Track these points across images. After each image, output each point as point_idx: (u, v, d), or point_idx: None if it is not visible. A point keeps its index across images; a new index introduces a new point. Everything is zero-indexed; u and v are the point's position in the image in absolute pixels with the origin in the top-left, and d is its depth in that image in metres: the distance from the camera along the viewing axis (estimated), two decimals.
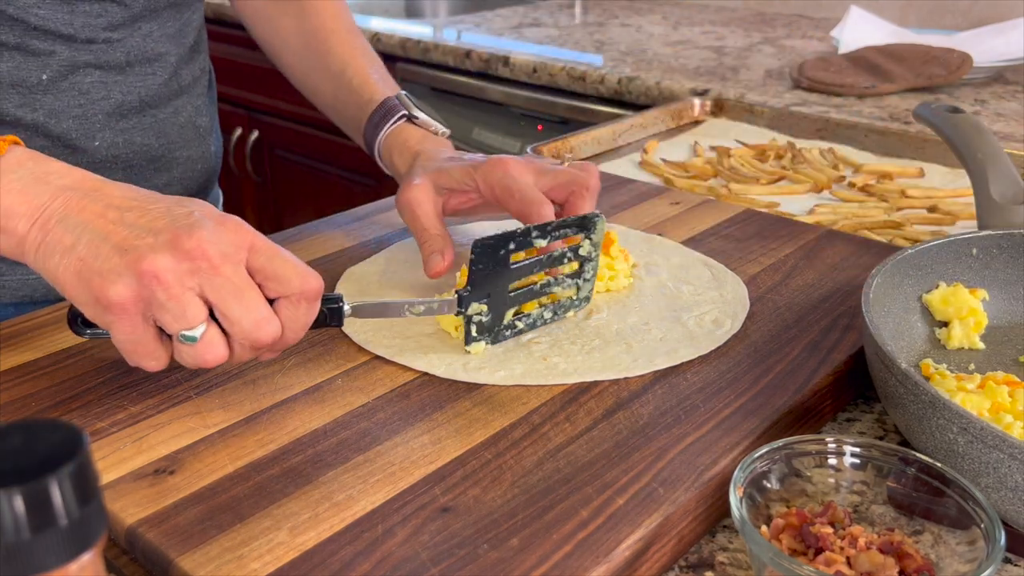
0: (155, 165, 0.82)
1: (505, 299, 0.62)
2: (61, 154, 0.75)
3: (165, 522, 0.46)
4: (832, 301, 0.69)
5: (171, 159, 0.84)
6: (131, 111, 0.79)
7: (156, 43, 0.80)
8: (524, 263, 0.61)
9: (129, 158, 0.80)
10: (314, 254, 0.77)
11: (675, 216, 0.86)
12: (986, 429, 0.46)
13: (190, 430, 0.53)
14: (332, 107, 0.87)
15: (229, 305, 0.50)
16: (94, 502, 0.25)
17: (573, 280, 0.65)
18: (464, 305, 0.60)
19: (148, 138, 0.81)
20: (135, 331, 0.51)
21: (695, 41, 1.77)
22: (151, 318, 0.51)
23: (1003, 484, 0.46)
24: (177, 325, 0.50)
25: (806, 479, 0.49)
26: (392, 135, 0.78)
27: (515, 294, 0.62)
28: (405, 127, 0.78)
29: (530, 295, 0.63)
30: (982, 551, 0.43)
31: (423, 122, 0.78)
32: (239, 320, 0.51)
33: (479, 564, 0.43)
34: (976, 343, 0.65)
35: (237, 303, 0.51)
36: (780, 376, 0.59)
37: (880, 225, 0.92)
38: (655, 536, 0.46)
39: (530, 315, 0.64)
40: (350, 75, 0.84)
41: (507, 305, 0.62)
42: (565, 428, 0.53)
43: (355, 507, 0.47)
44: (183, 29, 0.84)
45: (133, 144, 0.80)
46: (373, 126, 0.79)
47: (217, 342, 0.51)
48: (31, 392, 0.57)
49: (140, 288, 0.49)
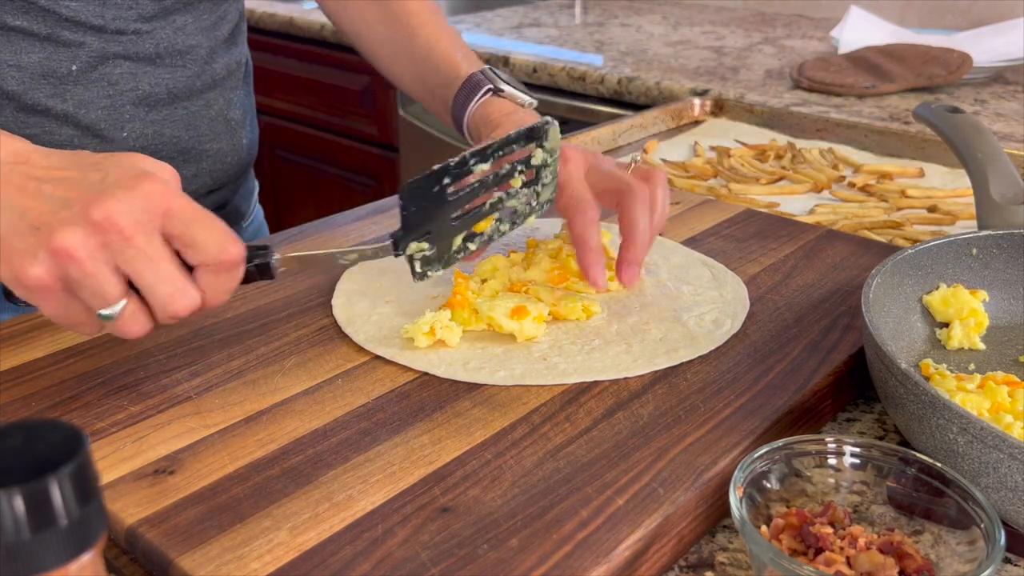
0: (184, 157, 0.82)
1: (448, 229, 0.59)
2: (90, 144, 0.76)
3: (165, 522, 0.46)
4: (832, 301, 0.69)
5: (200, 151, 0.84)
6: (160, 103, 0.79)
7: (188, 36, 0.80)
8: (464, 191, 0.58)
9: (157, 149, 0.80)
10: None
11: (675, 216, 0.86)
12: (986, 429, 0.46)
13: (190, 430, 0.53)
14: (420, 90, 0.87)
15: (143, 276, 0.49)
16: (94, 502, 0.25)
17: (530, 189, 0.63)
18: (401, 248, 0.58)
19: (177, 130, 0.81)
20: (60, 306, 0.50)
21: (695, 41, 1.77)
22: (73, 296, 0.50)
23: (1003, 484, 0.46)
24: (95, 302, 0.49)
25: (806, 479, 0.49)
26: (479, 109, 0.78)
27: (461, 221, 0.60)
28: (492, 100, 0.78)
29: (478, 216, 0.61)
30: (982, 551, 0.43)
31: (509, 95, 0.78)
32: (153, 291, 0.50)
33: (479, 564, 0.43)
34: (976, 343, 0.65)
35: (151, 274, 0.49)
36: (780, 376, 0.59)
37: (880, 225, 0.92)
38: (655, 536, 0.46)
39: (483, 233, 0.62)
40: (436, 57, 0.84)
41: (453, 233, 0.60)
42: (565, 428, 0.53)
43: (355, 507, 0.47)
44: (218, 22, 0.84)
45: (162, 136, 0.80)
46: (460, 103, 0.79)
47: (139, 316, 0.51)
48: (31, 392, 0.57)
49: (56, 267, 0.48)
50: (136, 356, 0.61)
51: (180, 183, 0.53)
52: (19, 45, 0.72)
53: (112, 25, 0.75)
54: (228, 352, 0.62)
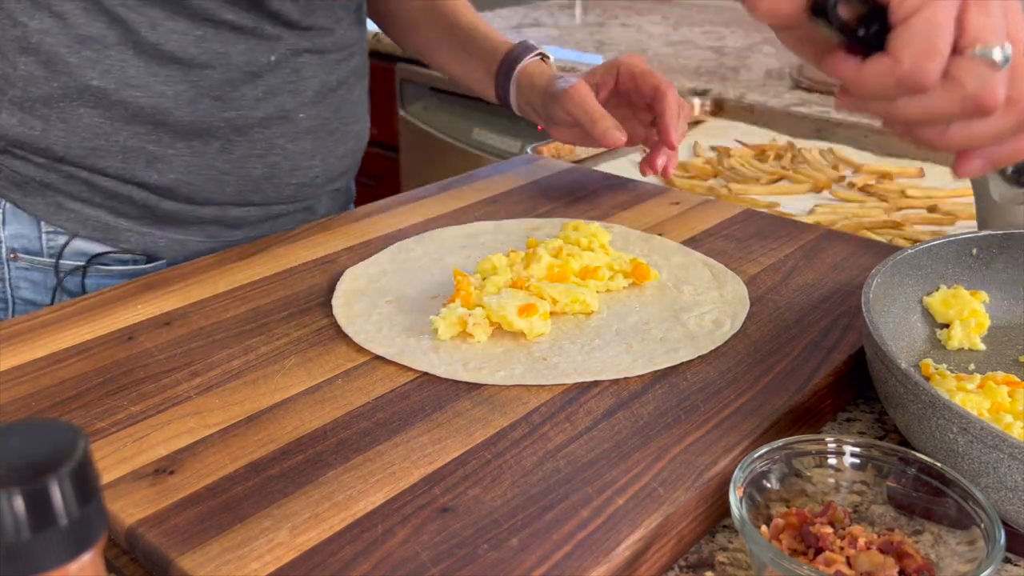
0: (334, 137, 0.90)
1: None
2: (275, 126, 0.84)
3: (165, 522, 0.46)
4: (832, 301, 0.69)
5: (345, 132, 0.91)
6: (328, 91, 0.87)
7: (347, 31, 0.89)
8: None
9: (317, 129, 0.87)
10: (314, 254, 0.77)
11: (675, 216, 0.86)
12: (986, 429, 0.45)
13: (190, 430, 0.53)
14: (460, 66, 0.98)
15: None
16: (94, 502, 0.25)
17: None
18: None
19: (332, 113, 0.89)
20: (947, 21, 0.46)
21: (695, 41, 1.77)
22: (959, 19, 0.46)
23: (1003, 484, 0.46)
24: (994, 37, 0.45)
25: (806, 479, 0.49)
26: (530, 65, 0.92)
27: None
28: (540, 62, 0.93)
29: None
30: (982, 551, 0.43)
31: (552, 64, 0.94)
32: None
33: (479, 564, 0.43)
34: (977, 344, 0.65)
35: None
36: (780, 376, 0.59)
37: (880, 225, 0.92)
38: (655, 536, 0.46)
39: None
40: (479, 32, 0.97)
41: None
42: (565, 428, 0.53)
43: (355, 507, 0.47)
44: (360, 22, 0.93)
45: (324, 120, 0.88)
46: (512, 59, 0.92)
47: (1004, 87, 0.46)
48: (31, 392, 0.57)
49: None
50: (136, 356, 0.61)
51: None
52: (227, 37, 0.79)
53: (305, 21, 0.83)
54: (228, 352, 0.62)
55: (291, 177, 0.86)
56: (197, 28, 0.77)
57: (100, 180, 0.80)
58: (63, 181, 0.80)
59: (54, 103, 0.77)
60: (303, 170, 0.87)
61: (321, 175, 0.89)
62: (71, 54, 0.76)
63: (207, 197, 0.83)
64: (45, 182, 0.80)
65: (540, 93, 0.90)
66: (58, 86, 0.76)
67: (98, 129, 0.78)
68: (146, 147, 0.79)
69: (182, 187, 0.82)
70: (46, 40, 0.75)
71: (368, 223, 0.84)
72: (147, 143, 0.79)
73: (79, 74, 0.76)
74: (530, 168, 0.98)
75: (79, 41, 0.75)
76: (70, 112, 0.77)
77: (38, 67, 0.76)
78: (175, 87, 0.78)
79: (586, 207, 0.88)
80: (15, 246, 0.82)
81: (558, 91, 0.86)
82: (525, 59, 0.92)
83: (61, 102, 0.77)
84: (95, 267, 0.84)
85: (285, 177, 0.86)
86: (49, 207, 0.81)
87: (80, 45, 0.75)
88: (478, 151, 1.78)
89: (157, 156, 0.80)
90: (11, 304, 0.85)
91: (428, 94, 1.85)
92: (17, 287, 0.84)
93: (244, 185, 0.84)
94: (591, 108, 0.84)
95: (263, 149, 0.83)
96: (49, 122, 0.77)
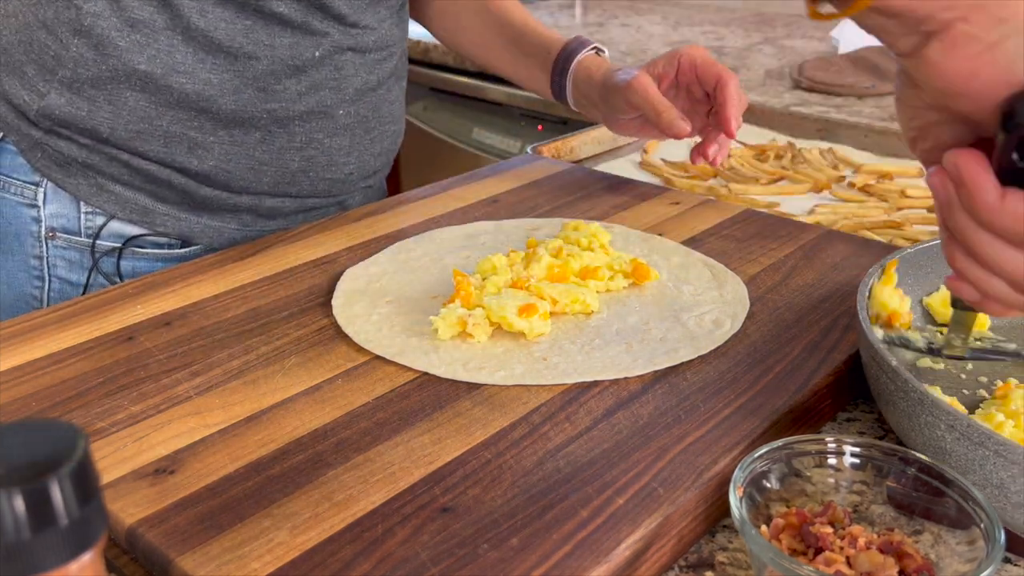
0: (371, 136, 0.91)
1: None
2: (315, 120, 0.85)
3: (165, 522, 0.46)
4: (832, 301, 0.69)
5: (382, 131, 0.92)
6: (367, 90, 0.88)
7: (389, 30, 0.90)
8: None
9: (355, 127, 0.88)
10: (315, 254, 0.77)
11: (675, 216, 0.86)
12: (972, 426, 0.46)
13: (190, 430, 0.53)
14: (514, 64, 0.99)
15: None
16: (94, 502, 0.25)
17: None
18: None
19: (371, 112, 0.90)
20: None
21: (695, 41, 1.77)
22: None
23: (988, 481, 0.46)
24: None
25: (806, 479, 0.49)
26: (586, 58, 0.93)
27: None
28: (595, 56, 0.93)
29: None
30: (982, 551, 0.43)
31: (606, 58, 0.94)
32: None
33: (479, 564, 0.43)
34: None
35: None
36: (780, 376, 0.59)
37: (880, 225, 0.92)
38: (655, 536, 0.46)
39: None
40: (530, 29, 0.98)
41: None
42: (565, 428, 0.53)
43: (355, 507, 0.47)
44: (401, 22, 0.93)
45: (362, 117, 0.89)
46: (568, 53, 0.93)
47: None
48: (31, 392, 0.57)
49: None
50: (136, 356, 0.61)
51: None
52: (274, 29, 0.80)
53: (351, 17, 0.83)
54: (228, 352, 0.62)
55: (326, 172, 0.87)
56: (246, 18, 0.78)
57: (141, 163, 0.81)
58: (105, 163, 0.81)
59: (102, 85, 0.78)
60: (338, 166, 0.88)
61: (355, 172, 0.90)
62: (121, 37, 0.77)
63: (244, 186, 0.84)
64: (88, 163, 0.81)
65: (598, 86, 0.90)
66: (106, 68, 0.77)
67: (143, 113, 0.79)
68: (188, 133, 0.80)
69: (220, 174, 0.82)
70: (98, 23, 0.76)
71: (368, 223, 0.84)
72: (189, 129, 0.80)
73: (128, 58, 0.77)
74: (530, 168, 0.98)
75: (130, 24, 0.77)
76: (117, 95, 0.78)
77: (89, 49, 0.77)
78: (220, 75, 0.79)
79: (586, 207, 0.88)
80: (54, 225, 0.84)
81: (620, 83, 0.86)
82: (581, 53, 0.92)
83: (109, 84, 0.78)
84: (131, 249, 0.85)
85: (321, 171, 0.87)
86: (90, 188, 0.82)
87: (130, 29, 0.77)
88: (478, 151, 1.78)
89: (198, 143, 0.81)
90: (47, 282, 0.86)
91: (428, 94, 1.85)
92: (54, 265, 0.85)
93: (281, 176, 0.85)
94: (655, 99, 0.83)
95: (301, 142, 0.84)
96: (96, 104, 0.79)
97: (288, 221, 0.89)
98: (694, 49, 0.87)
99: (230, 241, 0.87)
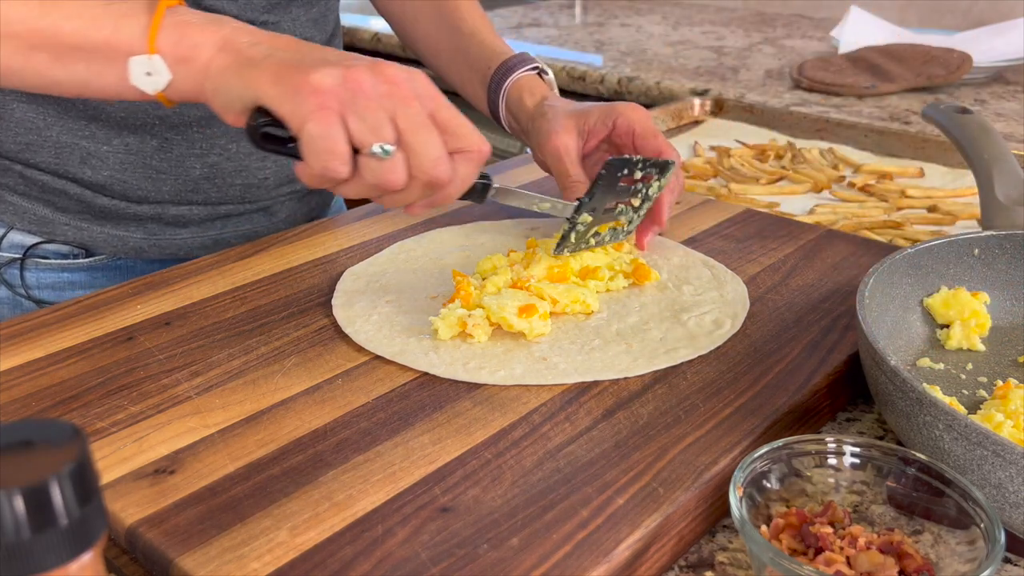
0: None
1: (600, 216, 0.69)
2: (215, 124, 0.82)
3: (165, 522, 0.46)
4: (832, 301, 0.69)
5: None
6: None
7: (303, 27, 0.86)
8: (623, 188, 0.69)
9: None
10: (314, 254, 0.77)
11: (675, 216, 0.86)
12: (970, 426, 0.46)
13: (190, 430, 0.53)
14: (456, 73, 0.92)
15: (418, 134, 0.54)
16: (94, 502, 0.25)
17: (634, 212, 0.73)
18: (579, 211, 0.68)
19: None
20: (331, 126, 0.53)
21: (695, 41, 1.77)
22: (344, 125, 0.54)
23: (986, 481, 0.46)
24: (372, 137, 0.54)
25: (806, 479, 0.49)
26: (524, 79, 0.85)
27: (604, 214, 0.70)
28: (535, 77, 0.86)
29: (610, 217, 0.71)
30: (982, 551, 0.43)
31: (549, 81, 0.86)
32: (424, 151, 0.55)
33: (479, 564, 0.43)
34: (976, 344, 0.64)
35: (425, 136, 0.55)
36: (780, 376, 0.59)
37: (880, 225, 0.92)
38: (655, 536, 0.46)
39: (601, 235, 0.72)
40: (480, 37, 0.91)
41: (598, 222, 0.70)
42: (565, 428, 0.53)
43: (355, 507, 0.47)
44: (325, 15, 0.89)
45: None
46: (506, 69, 0.86)
47: (400, 168, 0.55)
48: (31, 392, 0.57)
49: (342, 86, 0.53)
50: (136, 356, 0.61)
51: None
52: None
53: (244, 14, 0.79)
54: (228, 352, 0.62)
55: (236, 178, 0.84)
56: None
57: (35, 174, 0.80)
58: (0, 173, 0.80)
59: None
60: (251, 171, 0.85)
61: (272, 178, 0.86)
62: None
63: (143, 195, 0.82)
64: None
65: (528, 115, 0.82)
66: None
67: (31, 124, 0.77)
68: (80, 143, 0.78)
69: (117, 184, 0.81)
70: None
71: (368, 223, 0.84)
72: (81, 139, 0.78)
73: None
74: (530, 168, 0.98)
75: None
76: (3, 106, 0.77)
77: None
78: None
79: None
80: None
81: (542, 131, 0.79)
82: (518, 71, 0.84)
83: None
84: (34, 260, 0.83)
85: (229, 178, 0.84)
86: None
87: None
88: None
89: (92, 152, 0.79)
90: None
91: None
92: None
93: (183, 184, 0.83)
94: (568, 170, 0.76)
95: (202, 149, 0.82)
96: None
97: (203, 229, 0.86)
98: (633, 112, 0.77)
99: (136, 250, 0.84)
